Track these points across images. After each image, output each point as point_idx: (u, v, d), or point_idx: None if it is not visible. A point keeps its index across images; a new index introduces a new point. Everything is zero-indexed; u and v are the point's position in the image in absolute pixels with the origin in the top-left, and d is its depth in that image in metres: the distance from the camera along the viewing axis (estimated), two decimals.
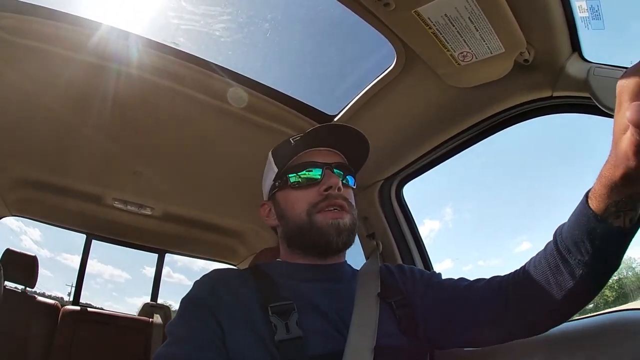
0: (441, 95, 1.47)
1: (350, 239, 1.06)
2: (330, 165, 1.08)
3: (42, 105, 1.75)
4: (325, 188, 1.04)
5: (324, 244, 1.03)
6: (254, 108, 1.71)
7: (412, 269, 1.19)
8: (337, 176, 1.07)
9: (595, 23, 1.11)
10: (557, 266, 0.87)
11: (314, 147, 1.12)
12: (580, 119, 1.32)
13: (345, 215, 1.04)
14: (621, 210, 0.74)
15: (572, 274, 0.84)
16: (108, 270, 16.38)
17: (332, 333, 0.95)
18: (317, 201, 1.04)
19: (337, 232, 1.02)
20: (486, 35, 1.15)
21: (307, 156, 1.10)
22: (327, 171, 1.07)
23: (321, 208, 1.04)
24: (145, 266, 26.55)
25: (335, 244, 1.03)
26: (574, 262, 0.83)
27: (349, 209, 1.06)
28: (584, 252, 0.80)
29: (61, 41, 1.44)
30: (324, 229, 1.02)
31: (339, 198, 1.05)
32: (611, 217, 0.75)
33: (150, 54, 1.50)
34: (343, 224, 1.03)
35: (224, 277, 1.02)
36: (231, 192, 2.46)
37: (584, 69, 1.20)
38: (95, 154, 2.13)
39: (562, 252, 0.85)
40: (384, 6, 1.10)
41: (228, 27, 1.48)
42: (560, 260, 0.85)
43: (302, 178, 1.08)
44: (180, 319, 0.94)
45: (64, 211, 2.79)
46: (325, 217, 1.03)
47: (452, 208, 47.74)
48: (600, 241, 0.78)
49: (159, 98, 1.68)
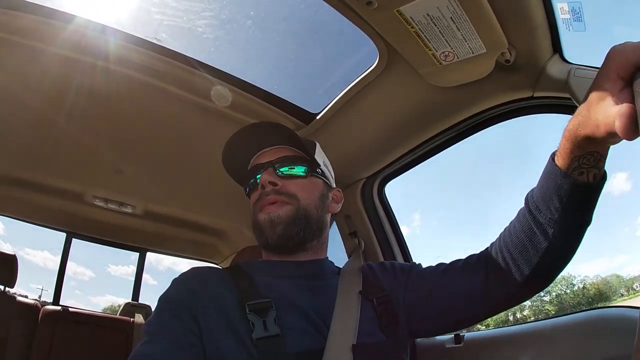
0: (423, 95, 1.48)
1: (290, 230, 1.05)
2: (263, 165, 1.12)
3: (21, 101, 1.72)
4: (260, 188, 1.08)
5: (264, 240, 1.06)
6: (237, 106, 1.70)
7: (393, 264, 1.19)
8: (267, 174, 1.08)
9: (576, 25, 1.13)
10: (530, 228, 0.90)
11: (260, 151, 1.17)
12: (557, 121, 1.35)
13: (280, 208, 1.05)
14: (584, 166, 0.78)
15: (544, 234, 0.88)
16: (71, 267, 16.16)
17: (311, 331, 0.94)
18: (256, 201, 1.09)
19: (270, 226, 1.04)
20: (468, 35, 1.16)
21: (255, 160, 1.17)
22: (262, 172, 1.10)
23: (259, 207, 1.08)
24: (110, 264, 26.14)
25: (271, 238, 1.04)
26: (545, 221, 0.87)
27: (289, 200, 1.07)
28: (554, 210, 0.84)
29: (35, 34, 1.41)
30: (259, 224, 1.06)
31: (270, 194, 1.06)
32: (575, 173, 0.79)
33: (132, 49, 1.48)
34: (276, 216, 1.04)
35: (202, 275, 1.01)
36: (213, 190, 2.44)
37: (565, 70, 1.21)
38: (75, 151, 2.10)
39: (534, 212, 0.89)
40: (367, 5, 1.10)
41: (211, 24, 1.47)
42: (533, 221, 0.89)
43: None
44: (156, 317, 0.93)
45: (44, 209, 2.74)
46: (261, 215, 1.06)
47: (420, 214, 48.32)
48: (567, 197, 0.82)
49: (140, 95, 1.66)
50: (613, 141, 0.71)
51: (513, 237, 0.95)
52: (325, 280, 1.09)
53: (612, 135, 0.65)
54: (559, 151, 0.80)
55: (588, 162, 0.77)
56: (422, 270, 1.14)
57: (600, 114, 0.67)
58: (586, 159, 0.77)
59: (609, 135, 0.66)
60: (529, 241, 0.91)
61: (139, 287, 3.38)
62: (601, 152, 0.76)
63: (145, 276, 3.44)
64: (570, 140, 0.76)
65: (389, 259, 1.93)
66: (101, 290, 42.82)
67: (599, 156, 0.77)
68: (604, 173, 0.81)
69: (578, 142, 0.75)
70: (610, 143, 0.73)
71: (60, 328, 2.57)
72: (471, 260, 1.06)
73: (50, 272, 3.07)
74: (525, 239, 0.91)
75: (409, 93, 1.50)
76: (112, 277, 54.63)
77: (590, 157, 0.76)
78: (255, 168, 1.14)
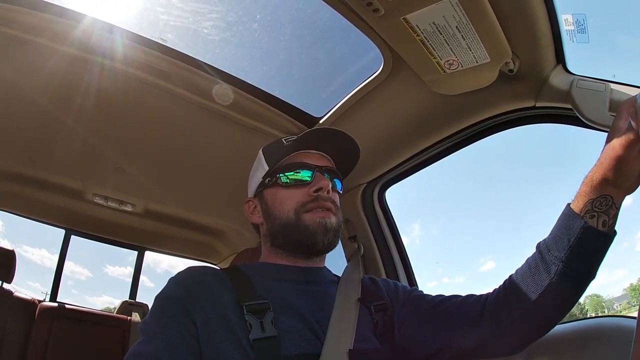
0: (426, 102, 1.49)
1: (335, 241, 1.07)
2: (321, 168, 1.10)
3: (24, 97, 1.72)
4: (315, 189, 1.05)
5: (310, 243, 1.04)
6: (240, 107, 1.71)
7: (396, 283, 1.21)
8: (327, 179, 1.08)
9: (580, 36, 1.14)
10: (536, 266, 0.93)
11: (306, 150, 1.13)
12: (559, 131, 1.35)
13: (332, 217, 1.06)
14: (596, 209, 0.85)
15: (548, 271, 0.90)
16: (69, 266, 16.06)
17: (308, 334, 0.94)
18: (307, 201, 1.05)
19: (324, 231, 1.03)
20: (473, 45, 1.16)
21: (299, 157, 1.11)
22: (318, 173, 1.08)
23: (310, 208, 1.05)
24: (107, 265, 25.96)
25: (322, 243, 1.04)
26: (551, 259, 0.90)
27: (335, 211, 1.08)
28: (561, 248, 0.88)
29: (45, 32, 1.41)
30: (311, 227, 1.03)
31: (327, 200, 1.06)
32: (587, 216, 0.86)
33: (137, 48, 1.49)
34: (330, 223, 1.04)
35: (199, 274, 1.01)
36: (214, 190, 2.45)
37: (567, 81, 1.22)
38: (77, 148, 2.09)
39: (542, 251, 0.92)
40: (373, 12, 1.11)
41: (216, 26, 1.48)
42: (540, 258, 0.92)
43: (292, 178, 1.09)
44: (153, 316, 0.93)
45: (43, 205, 2.74)
46: (313, 217, 1.04)
47: (420, 224, 48.39)
48: (575, 239, 0.86)
49: (143, 94, 1.67)
50: (625, 182, 0.83)
51: (518, 275, 0.97)
52: (323, 286, 1.09)
53: (628, 148, 0.79)
54: (576, 196, 0.89)
55: (600, 205, 0.85)
56: (422, 294, 1.15)
57: (615, 137, 0.81)
58: (599, 202, 0.85)
59: (625, 149, 0.79)
60: (532, 277, 0.93)
61: (137, 286, 3.36)
62: (614, 198, 0.85)
63: (143, 278, 3.43)
64: (587, 184, 0.87)
65: (388, 264, 1.94)
66: (98, 291, 42.54)
67: (612, 202, 0.85)
68: (613, 228, 0.87)
69: (595, 184, 0.85)
70: (623, 183, 0.84)
71: (57, 324, 2.56)
72: (470, 298, 1.06)
73: (47, 270, 3.06)
74: (529, 276, 0.94)
75: (412, 100, 1.50)
76: (108, 278, 54.44)
77: (603, 200, 0.85)
78: (311, 166, 1.10)
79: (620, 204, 0.86)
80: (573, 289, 0.91)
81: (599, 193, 0.84)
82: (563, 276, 0.88)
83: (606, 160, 0.83)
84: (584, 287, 0.91)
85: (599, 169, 0.84)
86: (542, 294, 0.90)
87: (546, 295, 0.90)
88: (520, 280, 0.95)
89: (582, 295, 0.92)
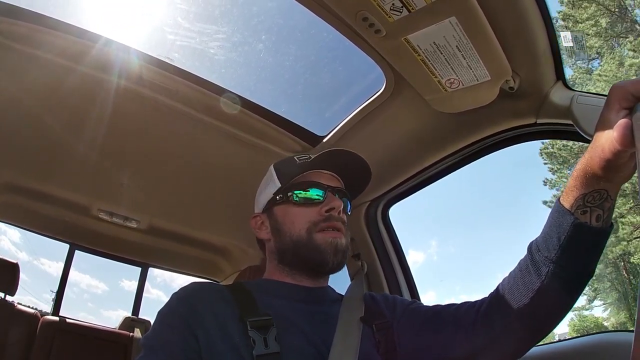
0: (428, 120, 1.51)
1: (343, 262, 1.07)
2: (333, 188, 1.10)
3: (33, 112, 1.75)
4: (327, 209, 1.06)
5: (320, 262, 1.04)
6: (245, 125, 1.73)
7: (395, 297, 1.20)
8: (339, 200, 1.09)
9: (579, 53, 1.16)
10: (526, 267, 0.89)
11: (318, 170, 1.13)
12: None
13: (342, 237, 1.06)
14: (588, 204, 0.78)
15: (538, 273, 0.86)
16: (85, 280, 15.74)
17: (311, 352, 0.94)
18: (319, 220, 1.05)
19: (334, 252, 1.03)
20: (473, 64, 1.18)
21: (311, 176, 1.12)
22: (330, 194, 1.09)
23: (322, 228, 1.05)
24: (124, 279, 25.79)
25: (331, 263, 1.03)
26: (541, 259, 0.86)
27: (345, 232, 1.08)
28: (551, 248, 0.83)
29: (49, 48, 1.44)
30: (322, 247, 1.03)
31: (339, 221, 1.07)
32: (578, 211, 0.79)
33: (143, 67, 1.51)
34: (340, 244, 1.04)
35: (202, 290, 1.01)
36: (218, 208, 2.45)
37: (568, 97, 1.23)
38: (83, 163, 2.12)
39: (532, 251, 0.88)
40: (375, 33, 1.13)
41: (223, 46, 1.50)
42: (530, 260, 0.88)
43: (305, 196, 1.09)
44: (155, 332, 0.93)
45: (48, 219, 2.74)
46: (325, 236, 1.04)
47: (437, 241, 47.52)
48: (566, 236, 0.81)
49: (149, 111, 1.69)
50: (619, 176, 0.75)
51: (510, 278, 0.95)
52: (326, 305, 1.09)
53: (617, 155, 0.69)
54: (566, 191, 0.81)
55: (593, 200, 0.78)
56: (420, 306, 1.15)
57: (604, 138, 0.71)
58: (592, 197, 0.78)
59: (614, 155, 0.70)
60: (522, 280, 0.89)
61: (140, 302, 3.35)
62: (609, 191, 0.78)
63: (159, 293, 3.42)
64: (577, 179, 0.78)
65: (391, 282, 1.93)
66: (113, 305, 42.11)
67: (606, 195, 0.78)
68: (609, 221, 0.81)
69: (586, 179, 0.77)
70: (617, 177, 0.76)
71: (58, 339, 2.56)
72: (464, 305, 1.05)
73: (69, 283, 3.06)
74: (520, 278, 0.90)
75: (415, 118, 1.52)
76: (124, 292, 53.92)
77: (596, 194, 0.78)
78: (323, 186, 1.10)
79: (616, 195, 0.79)
80: (566, 291, 0.86)
81: (591, 188, 0.77)
82: (554, 277, 0.84)
83: (596, 159, 0.74)
84: (579, 287, 0.87)
85: (588, 165, 0.76)
86: (533, 298, 0.87)
87: (538, 298, 0.87)
88: (511, 283, 0.93)
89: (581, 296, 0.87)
